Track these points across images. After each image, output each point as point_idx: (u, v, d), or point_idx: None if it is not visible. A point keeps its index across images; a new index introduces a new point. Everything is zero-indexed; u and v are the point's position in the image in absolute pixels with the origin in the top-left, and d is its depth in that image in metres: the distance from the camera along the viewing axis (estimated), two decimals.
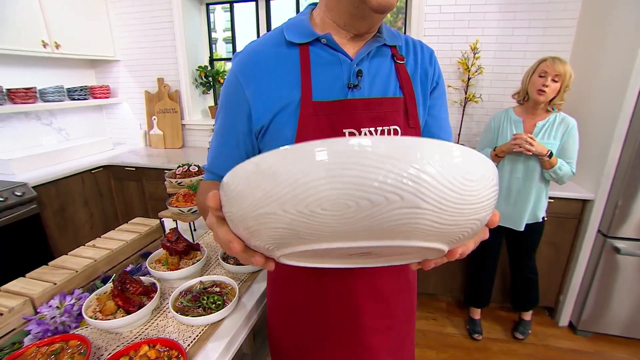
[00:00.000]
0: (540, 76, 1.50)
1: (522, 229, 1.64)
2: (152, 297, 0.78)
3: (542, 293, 1.96)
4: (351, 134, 0.58)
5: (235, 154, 0.64)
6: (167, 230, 1.01)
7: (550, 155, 1.48)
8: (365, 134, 0.59)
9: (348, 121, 0.58)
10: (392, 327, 0.74)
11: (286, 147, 0.25)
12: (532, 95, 1.53)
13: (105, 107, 3.00)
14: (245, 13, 2.71)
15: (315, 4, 0.65)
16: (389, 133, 0.59)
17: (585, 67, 1.89)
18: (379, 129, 0.59)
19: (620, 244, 1.70)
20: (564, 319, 1.97)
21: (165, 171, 1.28)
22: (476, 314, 1.97)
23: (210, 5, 2.77)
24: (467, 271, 2.04)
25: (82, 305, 0.77)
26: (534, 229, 1.68)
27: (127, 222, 1.18)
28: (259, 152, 0.64)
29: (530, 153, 1.49)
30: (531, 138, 1.48)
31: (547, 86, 1.47)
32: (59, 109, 2.59)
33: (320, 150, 0.24)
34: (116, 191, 2.51)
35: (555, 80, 1.47)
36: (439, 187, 0.24)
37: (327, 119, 0.58)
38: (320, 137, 0.56)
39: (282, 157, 0.25)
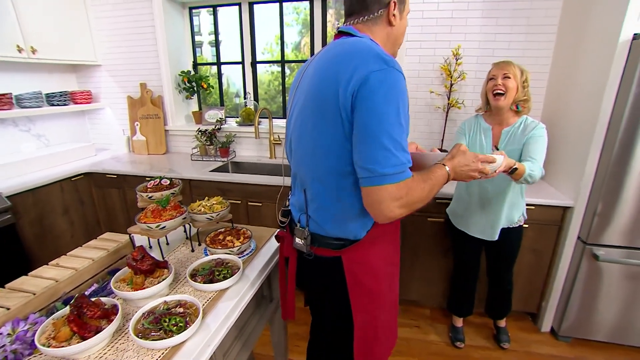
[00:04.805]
0: (491, 80, 1.52)
1: (495, 238, 1.61)
2: (112, 320, 0.77)
3: (525, 298, 1.98)
4: None
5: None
6: (136, 247, 1.00)
7: (513, 171, 1.33)
8: None
9: None
10: None
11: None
12: (491, 102, 1.53)
13: (88, 112, 2.97)
14: (230, 17, 2.70)
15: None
16: None
17: (565, 73, 1.91)
18: None
19: (599, 251, 1.72)
20: (546, 324, 2.00)
21: (147, 178, 1.25)
22: (458, 322, 1.98)
23: (194, 9, 2.75)
24: (449, 279, 2.04)
25: (37, 330, 0.75)
26: (512, 236, 1.65)
27: (96, 238, 1.16)
28: None
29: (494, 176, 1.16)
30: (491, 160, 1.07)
31: (499, 85, 1.48)
32: (38, 115, 2.56)
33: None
34: (98, 199, 2.48)
35: (508, 77, 1.46)
36: None
37: None
38: None
39: None
